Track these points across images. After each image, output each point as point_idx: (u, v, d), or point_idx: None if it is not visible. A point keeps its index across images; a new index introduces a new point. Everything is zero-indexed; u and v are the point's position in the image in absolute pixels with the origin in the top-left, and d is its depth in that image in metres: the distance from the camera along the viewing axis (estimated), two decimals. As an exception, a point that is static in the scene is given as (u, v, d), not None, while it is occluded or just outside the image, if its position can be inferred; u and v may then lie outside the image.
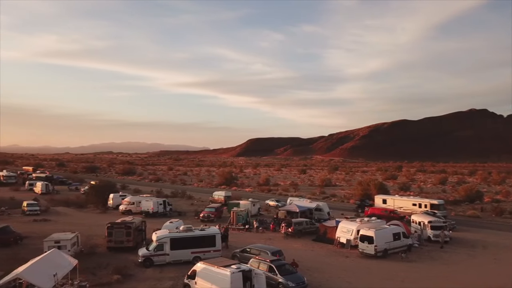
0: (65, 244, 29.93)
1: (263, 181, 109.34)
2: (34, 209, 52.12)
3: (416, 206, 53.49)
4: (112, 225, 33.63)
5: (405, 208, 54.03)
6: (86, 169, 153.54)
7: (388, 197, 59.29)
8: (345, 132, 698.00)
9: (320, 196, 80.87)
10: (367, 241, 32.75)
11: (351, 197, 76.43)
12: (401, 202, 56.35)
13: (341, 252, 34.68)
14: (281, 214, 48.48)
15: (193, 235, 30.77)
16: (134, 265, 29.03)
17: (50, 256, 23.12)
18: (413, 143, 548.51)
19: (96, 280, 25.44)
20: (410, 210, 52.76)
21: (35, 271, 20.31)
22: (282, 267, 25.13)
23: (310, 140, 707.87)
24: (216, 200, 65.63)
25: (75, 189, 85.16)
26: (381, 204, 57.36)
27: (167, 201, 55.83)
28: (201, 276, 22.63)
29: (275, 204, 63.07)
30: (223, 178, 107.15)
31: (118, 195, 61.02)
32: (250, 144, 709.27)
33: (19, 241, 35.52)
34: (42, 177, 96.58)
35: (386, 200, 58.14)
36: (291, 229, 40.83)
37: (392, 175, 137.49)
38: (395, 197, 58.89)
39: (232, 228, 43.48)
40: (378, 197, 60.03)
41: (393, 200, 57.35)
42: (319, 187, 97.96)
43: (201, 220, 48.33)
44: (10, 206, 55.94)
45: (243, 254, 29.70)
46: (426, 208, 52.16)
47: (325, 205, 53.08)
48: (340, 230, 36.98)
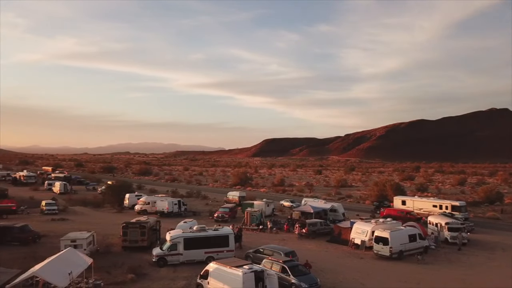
0: (81, 243, 30.37)
1: (278, 182, 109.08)
2: (52, 208, 53.11)
3: (437, 208, 52.31)
4: (127, 225, 33.99)
5: (425, 210, 52.89)
6: (103, 169, 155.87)
7: (408, 198, 58.19)
8: (362, 132, 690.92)
9: (335, 196, 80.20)
10: (382, 242, 32.31)
11: (367, 198, 75.57)
12: (421, 203, 55.13)
13: (356, 254, 34.29)
14: (295, 215, 48.28)
15: (207, 235, 30.87)
16: (148, 265, 29.28)
17: (65, 254, 23.51)
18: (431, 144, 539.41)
19: (111, 279, 25.72)
20: (430, 211, 51.47)
21: (50, 270, 20.66)
22: (295, 268, 24.97)
23: (326, 140, 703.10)
24: (231, 200, 65.77)
25: (92, 189, 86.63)
26: (400, 206, 56.31)
27: (182, 201, 56.24)
28: (214, 276, 22.67)
29: (290, 205, 62.82)
30: (238, 178, 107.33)
31: (134, 195, 61.72)
32: (266, 144, 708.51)
33: (37, 239, 36.19)
34: (60, 177, 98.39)
35: (405, 202, 57.01)
36: (305, 230, 40.58)
37: (409, 175, 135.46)
38: (414, 198, 57.77)
39: (246, 229, 43.47)
40: (397, 198, 58.96)
41: (412, 202, 56.21)
42: (334, 188, 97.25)
43: (215, 220, 48.48)
44: (29, 206, 57.11)
45: (256, 255, 29.65)
46: (447, 210, 51.05)
47: (340, 206, 52.60)
48: (354, 231, 36.59)
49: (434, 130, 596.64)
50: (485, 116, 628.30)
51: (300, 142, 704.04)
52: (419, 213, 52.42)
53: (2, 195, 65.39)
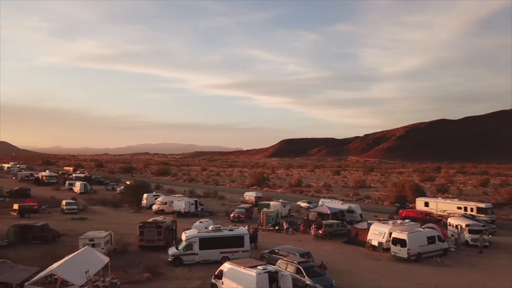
0: (98, 242, 30.85)
1: (295, 182, 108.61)
2: (72, 208, 54.16)
3: (461, 210, 50.70)
4: (143, 225, 34.37)
5: (449, 212, 51.39)
6: (122, 170, 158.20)
7: (431, 200, 56.67)
8: (381, 132, 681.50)
9: (353, 197, 79.37)
10: (399, 244, 31.75)
11: (386, 199, 74.53)
12: (445, 205, 53.49)
13: (373, 255, 33.80)
14: (312, 216, 47.95)
15: (222, 235, 30.92)
16: (164, 264, 29.48)
17: (83, 253, 23.87)
18: (453, 144, 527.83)
19: (127, 278, 26.00)
20: (454, 213, 49.97)
21: (68, 268, 21.01)
22: (310, 269, 24.75)
23: (344, 140, 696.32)
24: (247, 200, 65.82)
25: (112, 189, 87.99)
26: (422, 207, 54.82)
27: (198, 201, 56.56)
28: (228, 276, 22.67)
29: (307, 206, 62.46)
30: (254, 178, 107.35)
31: (151, 195, 62.42)
32: (283, 144, 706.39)
33: (57, 238, 37.01)
34: (81, 177, 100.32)
35: (428, 203, 55.46)
36: (322, 231, 40.25)
37: (429, 176, 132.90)
38: (438, 200, 56.23)
39: (261, 229, 43.38)
40: (419, 200, 57.54)
41: (436, 203, 54.69)
42: (352, 189, 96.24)
43: (231, 220, 48.60)
44: (50, 205, 58.41)
45: (271, 255, 29.55)
46: (472, 212, 49.57)
47: (358, 207, 52.01)
48: (371, 232, 36.08)
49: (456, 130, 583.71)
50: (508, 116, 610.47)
51: (318, 142, 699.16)
52: (439, 214, 51.30)
53: (25, 194, 67.20)
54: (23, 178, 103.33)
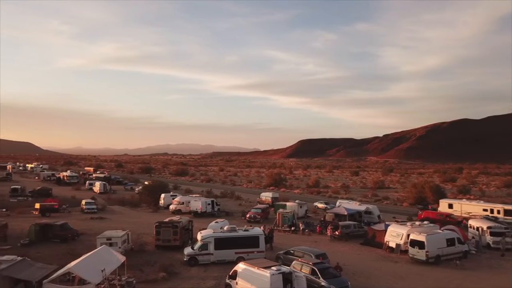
0: (116, 241, 31.21)
1: (313, 183, 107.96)
2: (92, 207, 55.10)
3: (487, 212, 49.04)
4: (160, 224, 34.65)
5: (474, 214, 49.63)
6: (141, 170, 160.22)
7: (455, 202, 55.01)
8: (401, 132, 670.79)
9: (371, 198, 78.41)
10: (417, 246, 31.14)
11: (405, 200, 73.33)
12: (470, 207, 51.76)
13: (390, 257, 33.27)
14: (328, 217, 47.54)
15: (237, 235, 30.92)
16: (180, 264, 29.65)
17: (99, 252, 24.22)
18: (475, 144, 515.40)
19: (143, 277, 26.27)
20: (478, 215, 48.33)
21: (85, 266, 21.35)
22: (325, 270, 24.49)
23: (363, 141, 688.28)
24: (264, 201, 65.71)
25: (130, 189, 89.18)
26: (446, 209, 53.31)
27: (215, 201, 56.79)
28: (242, 276, 22.65)
29: (324, 207, 61.94)
30: (271, 179, 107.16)
31: (169, 195, 63.00)
32: (301, 145, 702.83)
33: (76, 237, 37.66)
34: (100, 177, 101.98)
35: (452, 205, 53.80)
36: (338, 232, 39.85)
37: (451, 177, 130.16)
38: (462, 202, 54.55)
39: (277, 230, 43.26)
40: (443, 201, 56.05)
41: (460, 205, 53.00)
42: (371, 190, 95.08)
43: (248, 220, 48.57)
44: (71, 204, 59.61)
45: (286, 256, 29.41)
46: (499, 214, 47.97)
47: (375, 208, 51.25)
48: (389, 234, 35.51)
49: (479, 130, 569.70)
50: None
51: (336, 142, 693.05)
52: (464, 216, 49.99)
53: (46, 194, 68.73)
54: (45, 178, 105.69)
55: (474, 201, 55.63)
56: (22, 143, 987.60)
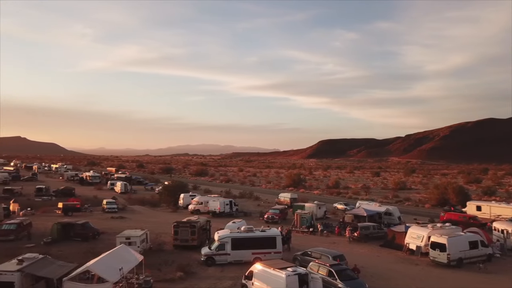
0: (134, 241, 31.64)
1: (333, 184, 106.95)
2: (112, 207, 56.08)
3: None
4: (178, 224, 34.94)
5: (504, 217, 47.36)
6: (162, 170, 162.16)
7: (483, 204, 52.87)
8: (424, 132, 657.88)
9: (392, 199, 77.11)
10: (438, 248, 30.40)
11: (427, 201, 71.84)
12: (499, 209, 49.56)
13: (410, 259, 32.59)
14: (347, 218, 47.00)
15: (254, 236, 30.86)
16: (197, 264, 29.81)
17: (118, 251, 24.58)
18: (502, 144, 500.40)
19: (160, 276, 26.51)
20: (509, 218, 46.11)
21: (103, 265, 21.69)
22: (342, 272, 24.16)
23: (385, 141, 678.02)
24: (282, 201, 65.48)
25: (151, 189, 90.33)
26: (474, 212, 51.36)
27: (233, 202, 56.93)
28: (258, 277, 22.58)
29: (343, 208, 61.28)
30: (290, 180, 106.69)
31: (188, 195, 63.53)
32: (321, 145, 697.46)
33: (97, 236, 38.39)
34: (122, 177, 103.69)
35: (480, 207, 51.70)
36: (357, 234, 39.31)
37: (475, 178, 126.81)
38: (492, 204, 52.47)
39: (296, 231, 43.00)
40: (470, 204, 53.97)
41: (489, 207, 50.97)
42: (392, 191, 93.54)
43: (265, 221, 48.51)
44: (92, 204, 60.81)
45: (304, 257, 29.20)
46: None
47: (396, 209, 50.34)
48: (409, 236, 34.79)
49: (505, 130, 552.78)
50: None
51: (358, 143, 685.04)
52: (486, 218, 48.49)
53: (69, 193, 70.37)
54: (69, 178, 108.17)
55: (503, 203, 53.41)
56: (48, 144, 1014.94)
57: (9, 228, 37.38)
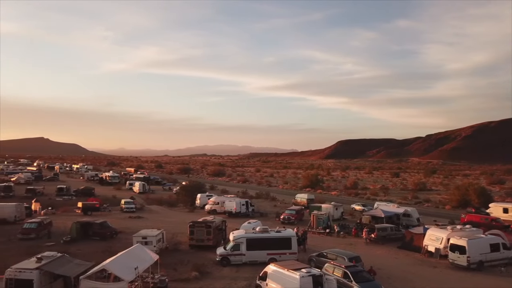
0: (151, 240, 31.93)
1: (351, 185, 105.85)
2: (130, 206, 56.87)
3: None
4: (193, 224, 35.11)
5: None
6: (180, 171, 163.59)
7: (510, 206, 50.93)
8: (445, 132, 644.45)
9: (412, 201, 75.87)
10: (458, 251, 29.67)
11: (448, 202, 70.34)
12: None
13: (429, 262, 31.92)
14: (365, 219, 46.40)
15: (269, 236, 30.77)
16: (212, 264, 29.88)
17: (133, 250, 24.81)
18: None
19: (176, 276, 26.69)
20: None
21: (118, 264, 21.92)
22: (358, 273, 23.82)
23: (405, 141, 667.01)
24: (299, 202, 65.13)
25: (168, 189, 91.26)
26: (501, 214, 49.40)
27: (249, 202, 56.93)
28: (272, 278, 22.49)
29: (361, 209, 60.58)
30: (308, 180, 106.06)
31: (205, 195, 63.87)
32: (340, 146, 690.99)
33: (114, 235, 38.98)
34: (140, 177, 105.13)
35: (507, 209, 49.68)
36: (374, 235, 38.75)
37: (499, 179, 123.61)
38: None
39: (312, 232, 42.69)
40: (496, 205, 52.13)
41: None
42: (411, 192, 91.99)
43: (281, 222, 48.32)
44: (111, 204, 61.78)
45: (319, 258, 28.95)
46: None
47: (414, 210, 49.44)
48: (428, 237, 34.09)
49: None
50: None
51: (377, 143, 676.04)
52: (506, 220, 47.09)
53: (89, 193, 71.69)
54: (89, 178, 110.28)
55: None
56: (70, 145, 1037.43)
57: (30, 227, 38.36)
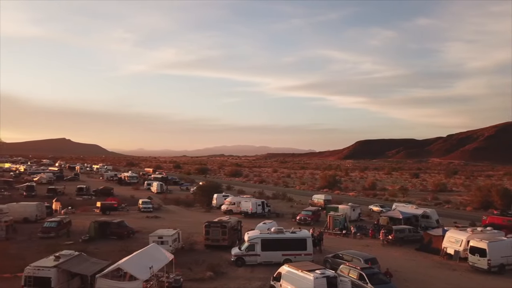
0: (167, 240, 32.18)
1: (369, 185, 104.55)
2: (148, 206, 57.52)
3: None
4: (209, 224, 35.28)
5: None
6: (198, 171, 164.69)
7: None
8: (467, 132, 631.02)
9: (431, 202, 74.40)
10: (478, 253, 28.92)
11: (469, 204, 68.74)
12: None
13: (448, 264, 31.22)
14: (382, 221, 45.74)
15: (284, 237, 30.64)
16: (227, 264, 29.92)
17: (148, 250, 25.08)
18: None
19: (191, 275, 26.81)
20: None
21: (133, 263, 22.19)
22: (374, 275, 23.46)
23: (425, 141, 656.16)
24: (316, 203, 64.65)
25: (186, 189, 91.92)
26: None
27: (265, 202, 56.83)
28: (286, 279, 22.39)
29: (379, 210, 59.75)
30: (325, 181, 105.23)
31: (221, 195, 64.10)
32: (359, 146, 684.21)
33: (131, 234, 39.43)
34: (158, 177, 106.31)
35: None
36: (391, 237, 38.13)
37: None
38: None
39: (328, 233, 42.30)
40: None
41: None
42: (431, 193, 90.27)
43: (297, 222, 48.06)
44: (129, 203, 62.57)
45: (335, 260, 28.67)
46: None
47: (434, 212, 48.48)
48: (447, 239, 33.35)
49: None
50: None
51: (396, 143, 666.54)
52: None
53: (108, 193, 72.85)
54: (108, 178, 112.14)
55: None
56: (91, 146, 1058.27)
57: (50, 226, 39.22)
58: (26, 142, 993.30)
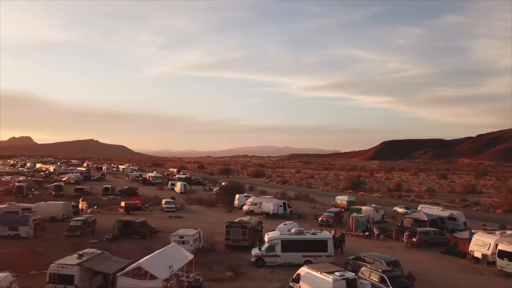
0: (187, 240, 32.45)
1: (394, 186, 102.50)
2: (171, 206, 58.21)
3: None
4: (230, 224, 35.36)
5: None
6: (221, 171, 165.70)
7: None
8: (498, 132, 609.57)
9: (459, 204, 72.24)
10: (507, 257, 27.84)
11: (499, 206, 66.41)
12: None
13: (475, 269, 30.22)
14: (407, 223, 44.74)
15: (304, 238, 30.40)
16: (247, 264, 29.90)
17: (169, 249, 25.35)
18: None
19: (211, 275, 26.92)
20: None
21: (153, 262, 22.47)
22: (396, 278, 22.94)
23: (454, 141, 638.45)
24: (339, 204, 63.83)
25: (209, 189, 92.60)
26: None
27: (287, 203, 56.53)
28: (305, 280, 22.22)
29: (404, 211, 58.53)
30: (349, 182, 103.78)
31: (243, 196, 64.18)
32: (384, 146, 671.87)
33: (154, 234, 39.98)
34: (182, 178, 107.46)
35: None
36: (416, 239, 37.20)
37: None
38: None
39: (350, 234, 41.68)
40: None
41: None
42: (459, 194, 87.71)
43: (320, 224, 47.58)
44: (153, 203, 63.48)
45: (356, 262, 28.26)
46: None
47: (461, 214, 47.05)
48: (474, 243, 32.28)
49: None
50: None
51: (424, 143, 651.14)
52: None
53: (133, 193, 74.17)
54: (133, 178, 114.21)
55: None
56: (117, 146, 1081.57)
57: (76, 225, 40.21)
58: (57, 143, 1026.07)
